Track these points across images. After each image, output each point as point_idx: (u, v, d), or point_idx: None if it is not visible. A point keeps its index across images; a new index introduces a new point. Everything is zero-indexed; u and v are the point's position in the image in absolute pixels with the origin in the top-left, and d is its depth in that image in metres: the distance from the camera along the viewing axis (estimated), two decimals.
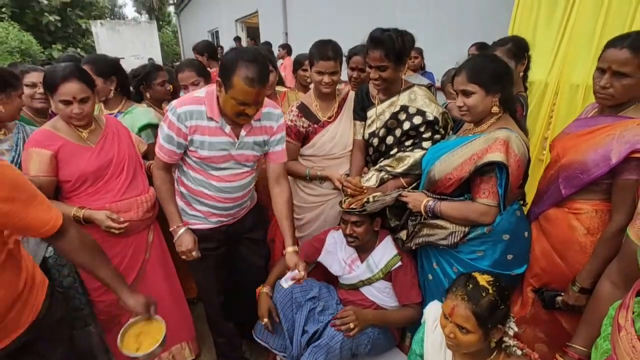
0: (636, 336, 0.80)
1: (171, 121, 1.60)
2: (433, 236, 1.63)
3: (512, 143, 1.44)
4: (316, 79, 1.98)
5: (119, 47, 11.42)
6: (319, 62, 1.92)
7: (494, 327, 1.22)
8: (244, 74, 1.42)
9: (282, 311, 1.87)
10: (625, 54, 1.35)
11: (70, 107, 1.65)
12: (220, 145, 1.64)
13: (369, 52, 1.77)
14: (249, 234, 1.99)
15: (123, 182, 1.82)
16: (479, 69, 1.49)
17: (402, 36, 1.75)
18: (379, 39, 1.73)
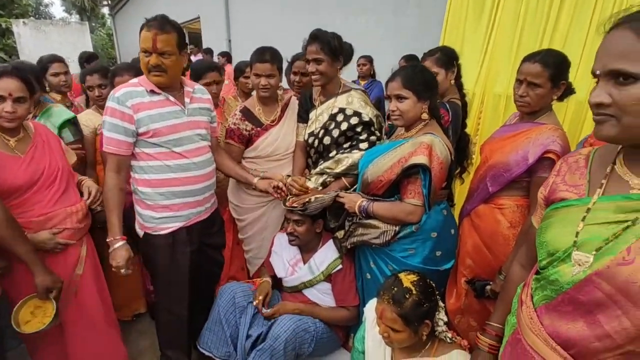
0: (533, 309, 0.89)
1: (112, 108, 1.59)
2: (367, 235, 1.70)
3: (436, 147, 1.55)
4: (254, 82, 2.05)
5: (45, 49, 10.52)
6: (256, 64, 2.00)
7: (421, 324, 1.32)
8: (144, 25, 1.57)
9: (225, 317, 1.85)
10: (537, 68, 1.55)
11: (2, 105, 1.52)
12: (170, 115, 1.67)
13: (307, 47, 1.89)
14: (211, 240, 1.96)
15: (54, 193, 1.68)
16: (412, 76, 1.59)
17: (338, 38, 1.90)
18: (316, 34, 1.89)
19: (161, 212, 1.73)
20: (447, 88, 2.04)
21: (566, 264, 0.82)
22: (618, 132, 0.75)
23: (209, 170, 1.82)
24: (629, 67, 0.70)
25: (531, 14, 2.80)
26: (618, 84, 0.72)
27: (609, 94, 0.73)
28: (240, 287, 1.95)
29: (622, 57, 0.71)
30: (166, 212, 1.73)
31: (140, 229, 1.81)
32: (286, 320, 1.75)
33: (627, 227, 0.75)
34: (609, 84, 0.74)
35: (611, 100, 0.73)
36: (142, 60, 1.60)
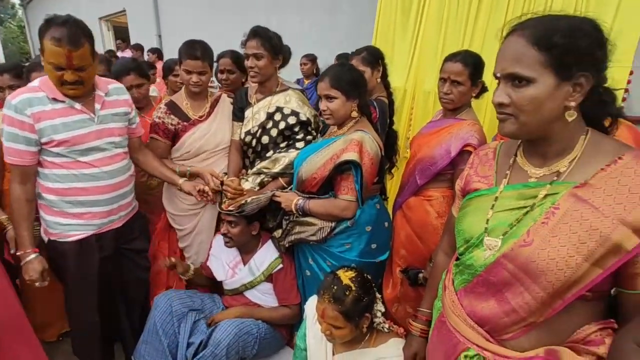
0: (454, 292, 0.97)
1: (9, 116, 1.46)
2: (304, 233, 1.72)
3: (366, 143, 1.60)
4: (185, 78, 1.97)
5: None
6: (187, 60, 1.92)
7: (362, 317, 1.37)
8: (50, 35, 1.41)
9: (162, 327, 1.77)
10: (459, 67, 1.66)
11: None
12: (76, 124, 1.55)
13: (247, 43, 1.86)
14: (131, 245, 1.86)
15: None
16: (339, 76, 1.62)
17: (279, 37, 1.89)
18: (257, 30, 1.87)
19: (68, 219, 1.62)
20: (374, 86, 2.11)
21: (479, 249, 0.90)
22: (516, 129, 0.83)
23: (122, 179, 1.72)
24: (522, 71, 0.78)
25: (452, 16, 2.99)
26: (514, 86, 0.80)
27: (508, 95, 0.81)
28: (178, 294, 1.88)
29: (517, 61, 0.79)
30: (74, 219, 1.63)
31: (44, 235, 1.68)
32: (227, 324, 1.72)
33: (526, 212, 0.84)
34: (507, 86, 0.81)
35: (510, 101, 0.81)
36: (53, 73, 1.45)
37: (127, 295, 1.91)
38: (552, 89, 0.77)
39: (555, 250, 0.78)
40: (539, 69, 0.76)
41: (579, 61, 0.76)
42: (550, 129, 0.82)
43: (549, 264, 0.78)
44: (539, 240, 0.80)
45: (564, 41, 0.75)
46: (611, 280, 0.79)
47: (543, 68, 0.76)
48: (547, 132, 0.83)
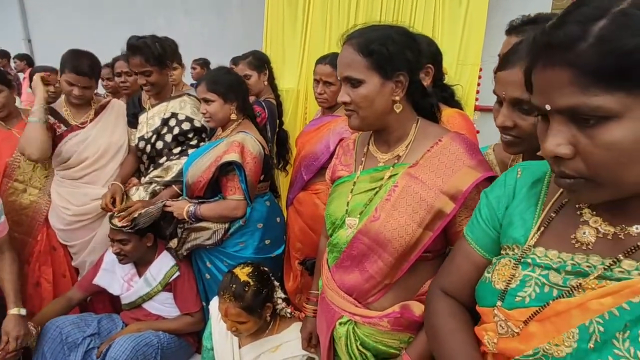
0: (329, 270, 1.10)
1: None
2: (200, 238, 1.74)
3: (247, 144, 1.67)
4: (66, 89, 1.88)
5: None
6: (71, 74, 1.83)
7: (263, 308, 1.45)
8: None
9: (52, 357, 1.64)
10: (328, 69, 1.82)
11: None
12: None
13: (129, 60, 1.79)
14: None
15: None
16: (215, 80, 1.67)
17: (160, 41, 1.83)
18: (135, 45, 1.77)
19: None
20: (261, 89, 2.20)
21: (342, 229, 1.04)
22: (359, 122, 0.98)
23: None
24: (354, 74, 0.93)
25: (335, 19, 3.20)
26: (351, 87, 0.95)
27: (348, 95, 0.95)
28: (69, 319, 1.75)
29: (349, 66, 0.94)
30: None
31: None
32: (122, 340, 1.65)
33: (376, 193, 1.00)
34: (347, 87, 0.96)
35: (350, 99, 0.95)
36: None
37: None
38: (379, 87, 0.94)
39: (396, 221, 0.94)
40: (366, 71, 0.92)
41: (394, 63, 0.93)
42: (386, 120, 0.99)
43: (392, 233, 0.94)
44: (384, 215, 0.95)
45: (379, 48, 0.91)
46: (443, 241, 0.98)
47: (369, 70, 0.92)
48: (384, 123, 1.00)
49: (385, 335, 0.99)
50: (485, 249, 0.75)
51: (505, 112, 0.85)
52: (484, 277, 0.71)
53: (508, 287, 0.63)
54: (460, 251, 0.80)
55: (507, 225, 0.71)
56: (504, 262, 0.67)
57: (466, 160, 0.93)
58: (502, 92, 0.84)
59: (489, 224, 0.75)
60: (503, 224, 0.72)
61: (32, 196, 2.00)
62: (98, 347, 1.72)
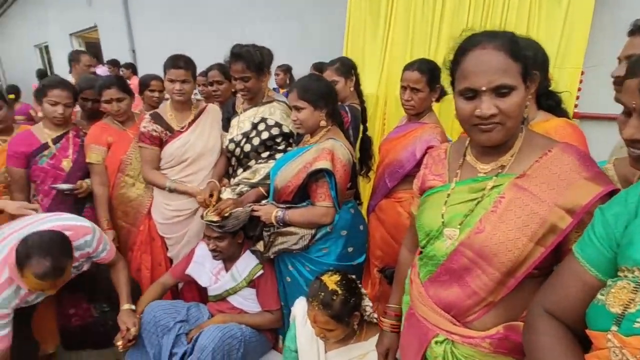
0: (421, 284, 1.06)
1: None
2: (286, 243, 1.77)
3: (337, 151, 1.68)
4: (169, 88, 2.09)
5: None
6: (170, 70, 2.04)
7: (351, 317, 1.45)
8: (33, 270, 1.45)
9: (147, 338, 1.81)
10: (416, 75, 1.78)
11: None
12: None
13: (231, 66, 1.92)
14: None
15: None
16: (306, 88, 1.71)
17: (259, 50, 1.95)
18: (239, 53, 1.90)
19: None
20: (347, 94, 2.22)
21: (440, 240, 1.00)
22: (503, 135, 0.89)
23: None
24: (509, 81, 0.84)
25: (419, 23, 3.13)
26: (499, 96, 0.85)
27: (496, 106, 0.85)
28: (162, 306, 1.91)
29: (504, 73, 0.85)
30: None
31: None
32: (211, 330, 1.76)
33: (477, 203, 0.95)
34: (492, 97, 0.86)
35: (498, 111, 0.85)
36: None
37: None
38: (524, 93, 0.88)
39: (504, 235, 0.88)
40: (518, 77, 0.86)
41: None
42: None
43: (499, 246, 0.88)
44: (490, 227, 0.90)
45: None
46: (553, 258, 0.90)
47: (519, 76, 0.87)
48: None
49: (487, 357, 0.93)
50: (598, 269, 0.70)
51: (637, 124, 0.76)
52: (597, 299, 0.66)
53: (626, 311, 0.59)
54: (568, 270, 0.75)
55: (626, 245, 0.65)
56: (622, 284, 0.61)
57: (582, 172, 0.85)
58: (631, 102, 0.75)
59: (604, 243, 0.69)
60: (621, 244, 0.66)
61: (138, 190, 2.24)
62: (187, 333, 1.86)
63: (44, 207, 2.11)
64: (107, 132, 2.22)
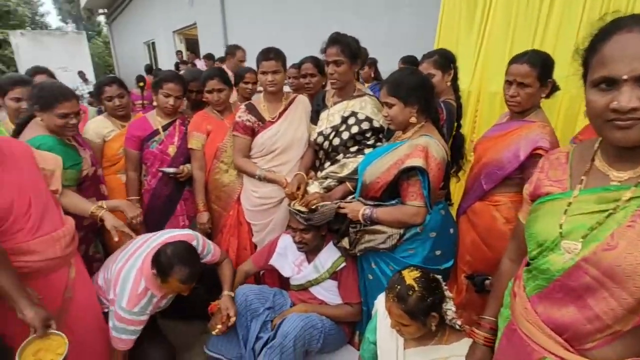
0: (527, 299, 0.95)
1: (134, 320, 1.76)
2: (373, 241, 1.74)
3: (432, 148, 1.60)
4: (262, 80, 2.18)
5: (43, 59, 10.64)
6: (262, 62, 2.13)
7: (428, 316, 1.39)
8: (178, 276, 1.71)
9: (237, 320, 1.91)
10: (526, 68, 1.61)
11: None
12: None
13: (327, 50, 1.95)
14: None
15: (33, 219, 1.52)
16: (397, 83, 1.64)
17: (357, 41, 1.97)
18: (336, 37, 1.94)
19: None
20: (443, 89, 2.10)
21: (555, 253, 0.88)
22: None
23: None
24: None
25: (522, 12, 2.86)
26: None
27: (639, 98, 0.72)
28: (253, 290, 2.01)
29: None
30: None
31: None
32: (294, 318, 1.81)
33: (609, 215, 0.81)
34: (636, 88, 0.73)
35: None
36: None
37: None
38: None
39: None
40: None
41: None
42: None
43: (636, 268, 0.75)
44: (625, 244, 0.77)
45: None
46: None
47: None
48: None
49: None
50: None
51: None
52: None
53: None
54: None
55: None
56: None
57: None
58: None
59: None
60: None
61: (231, 176, 2.38)
62: (272, 320, 1.94)
63: (151, 187, 2.38)
64: (207, 121, 2.39)
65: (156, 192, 2.38)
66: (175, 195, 2.41)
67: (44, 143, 1.82)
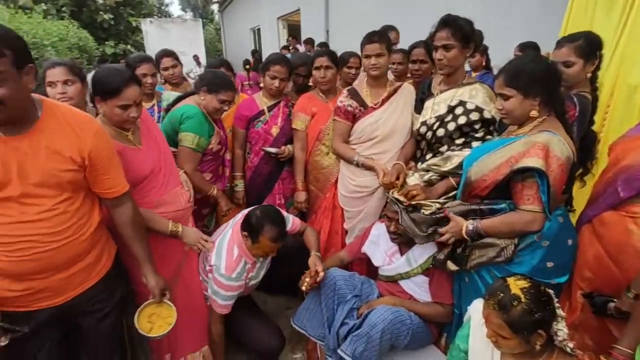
0: None
1: (232, 285, 1.89)
2: (485, 256, 1.59)
3: (554, 147, 1.40)
4: (365, 63, 2.14)
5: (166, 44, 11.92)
6: (366, 45, 2.08)
7: (533, 333, 1.23)
8: (268, 235, 1.82)
9: (324, 301, 1.93)
10: None
11: (128, 111, 1.59)
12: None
13: (436, 34, 1.82)
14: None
15: (163, 176, 1.78)
16: (516, 72, 1.46)
17: (471, 23, 1.80)
18: (446, 19, 1.80)
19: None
20: (581, 80, 1.82)
21: None
22: None
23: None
24: None
25: None
26: None
27: None
28: (342, 275, 2.00)
29: None
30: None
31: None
32: (383, 309, 1.77)
33: None
34: None
35: None
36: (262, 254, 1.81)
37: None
38: None
39: None
40: None
41: None
42: None
43: None
44: None
45: None
46: None
47: None
48: None
49: None
50: None
51: None
52: None
53: None
54: None
55: None
56: None
57: None
58: None
59: None
60: None
61: (330, 159, 2.41)
62: (358, 308, 1.92)
63: (253, 165, 2.52)
64: (312, 103, 2.45)
65: (257, 170, 2.51)
66: (274, 174, 2.53)
67: (188, 110, 2.10)
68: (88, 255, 1.42)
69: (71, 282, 1.38)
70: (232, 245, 1.93)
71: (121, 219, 1.51)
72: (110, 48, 14.02)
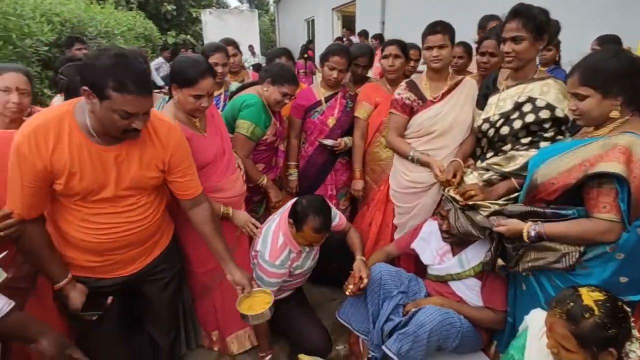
0: None
1: (276, 272, 1.91)
2: (543, 259, 1.49)
3: (638, 150, 1.27)
4: (426, 56, 2.06)
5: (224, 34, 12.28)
6: (428, 37, 2.01)
7: (603, 350, 1.14)
8: (312, 225, 1.81)
9: (370, 295, 1.92)
10: None
11: (201, 100, 1.67)
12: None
13: (506, 24, 1.71)
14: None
15: (225, 162, 1.88)
16: (594, 69, 1.34)
17: (546, 13, 1.67)
18: (518, 9, 1.68)
19: None
20: None
21: None
22: None
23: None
24: None
25: None
26: None
27: None
28: (388, 270, 1.97)
29: None
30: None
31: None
32: (432, 310, 1.72)
33: None
34: None
35: None
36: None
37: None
38: None
39: None
40: None
41: None
42: None
43: None
44: None
45: None
46: None
47: None
48: None
49: None
50: None
51: None
52: None
53: None
54: None
55: None
56: None
57: None
58: None
59: None
60: None
61: (389, 152, 2.37)
62: (404, 305, 1.88)
63: (307, 154, 2.54)
64: (377, 93, 2.43)
65: (311, 160, 2.54)
66: (328, 165, 2.54)
67: (249, 99, 2.16)
68: (155, 235, 1.61)
69: (140, 256, 1.58)
70: (278, 232, 1.96)
71: (199, 218, 1.63)
72: (172, 38, 14.68)
